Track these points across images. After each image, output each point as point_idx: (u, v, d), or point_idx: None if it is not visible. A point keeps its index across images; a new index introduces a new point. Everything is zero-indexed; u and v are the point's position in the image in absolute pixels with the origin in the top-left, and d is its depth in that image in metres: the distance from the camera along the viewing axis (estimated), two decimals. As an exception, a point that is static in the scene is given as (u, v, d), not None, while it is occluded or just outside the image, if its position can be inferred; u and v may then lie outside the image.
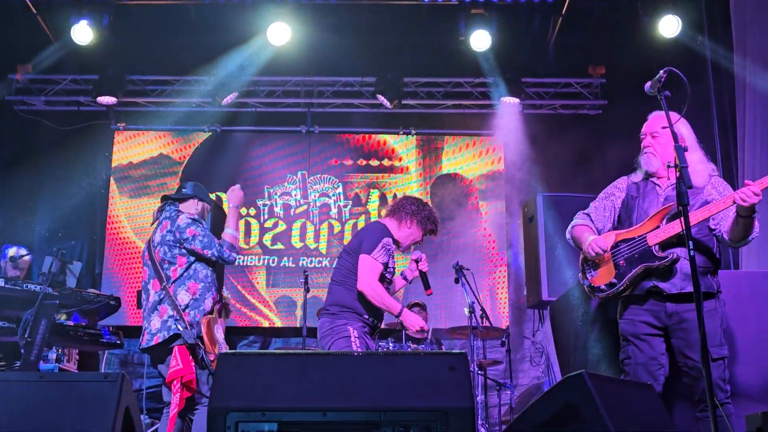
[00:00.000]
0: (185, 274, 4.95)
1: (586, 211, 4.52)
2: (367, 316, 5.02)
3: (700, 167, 4.21)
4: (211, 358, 4.73)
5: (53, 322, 6.18)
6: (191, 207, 5.26)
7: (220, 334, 4.93)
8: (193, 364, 4.71)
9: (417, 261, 5.25)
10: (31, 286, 6.36)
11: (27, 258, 7.47)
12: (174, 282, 4.92)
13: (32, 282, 6.45)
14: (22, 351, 5.99)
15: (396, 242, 5.23)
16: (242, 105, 10.20)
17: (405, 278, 5.31)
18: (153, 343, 4.81)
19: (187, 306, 4.85)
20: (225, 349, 4.89)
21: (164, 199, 5.32)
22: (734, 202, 3.87)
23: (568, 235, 4.55)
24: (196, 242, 4.96)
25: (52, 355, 6.83)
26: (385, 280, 5.15)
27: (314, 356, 3.01)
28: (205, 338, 4.77)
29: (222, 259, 5.03)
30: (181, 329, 4.74)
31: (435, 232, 5.37)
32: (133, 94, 10.04)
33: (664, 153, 4.22)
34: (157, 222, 5.20)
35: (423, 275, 5.22)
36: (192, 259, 5.00)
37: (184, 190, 5.35)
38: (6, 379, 2.91)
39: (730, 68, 7.99)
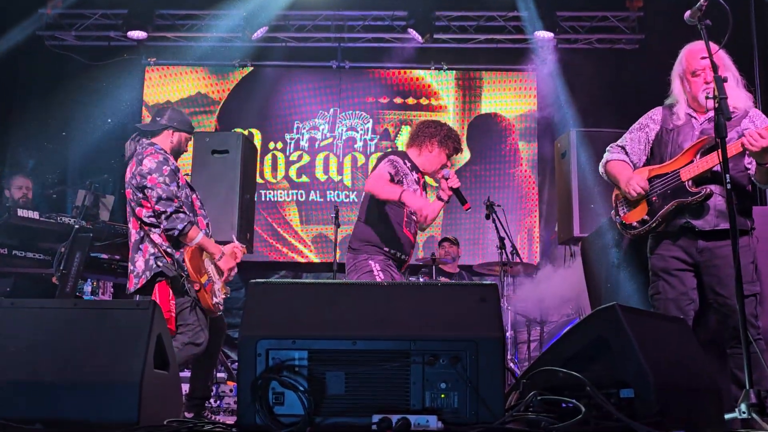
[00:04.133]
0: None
1: (620, 143, 4.38)
2: (387, 248, 4.98)
3: (743, 94, 4.11)
4: (196, 288, 4.53)
5: (88, 255, 6.29)
6: (165, 140, 4.84)
7: (212, 267, 4.75)
8: (172, 301, 4.52)
9: (446, 179, 5.04)
10: (66, 219, 6.45)
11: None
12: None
13: (66, 215, 6.54)
14: (57, 283, 6.12)
15: (419, 170, 5.15)
16: (272, 40, 10.09)
17: (441, 199, 5.08)
18: (139, 285, 4.58)
19: (163, 244, 4.63)
20: (219, 280, 4.76)
21: (135, 130, 4.92)
22: (743, 147, 3.78)
23: (601, 170, 4.43)
24: (154, 193, 4.56)
25: (88, 288, 6.95)
26: (411, 220, 5.07)
27: (344, 285, 3.02)
28: (188, 266, 4.54)
29: (166, 218, 4.54)
30: (161, 265, 4.53)
31: (459, 149, 5.27)
32: (162, 28, 9.98)
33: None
34: (127, 159, 4.83)
35: (456, 191, 4.99)
36: None
37: (158, 119, 4.89)
38: (41, 306, 2.95)
39: (775, -1, 7.73)
